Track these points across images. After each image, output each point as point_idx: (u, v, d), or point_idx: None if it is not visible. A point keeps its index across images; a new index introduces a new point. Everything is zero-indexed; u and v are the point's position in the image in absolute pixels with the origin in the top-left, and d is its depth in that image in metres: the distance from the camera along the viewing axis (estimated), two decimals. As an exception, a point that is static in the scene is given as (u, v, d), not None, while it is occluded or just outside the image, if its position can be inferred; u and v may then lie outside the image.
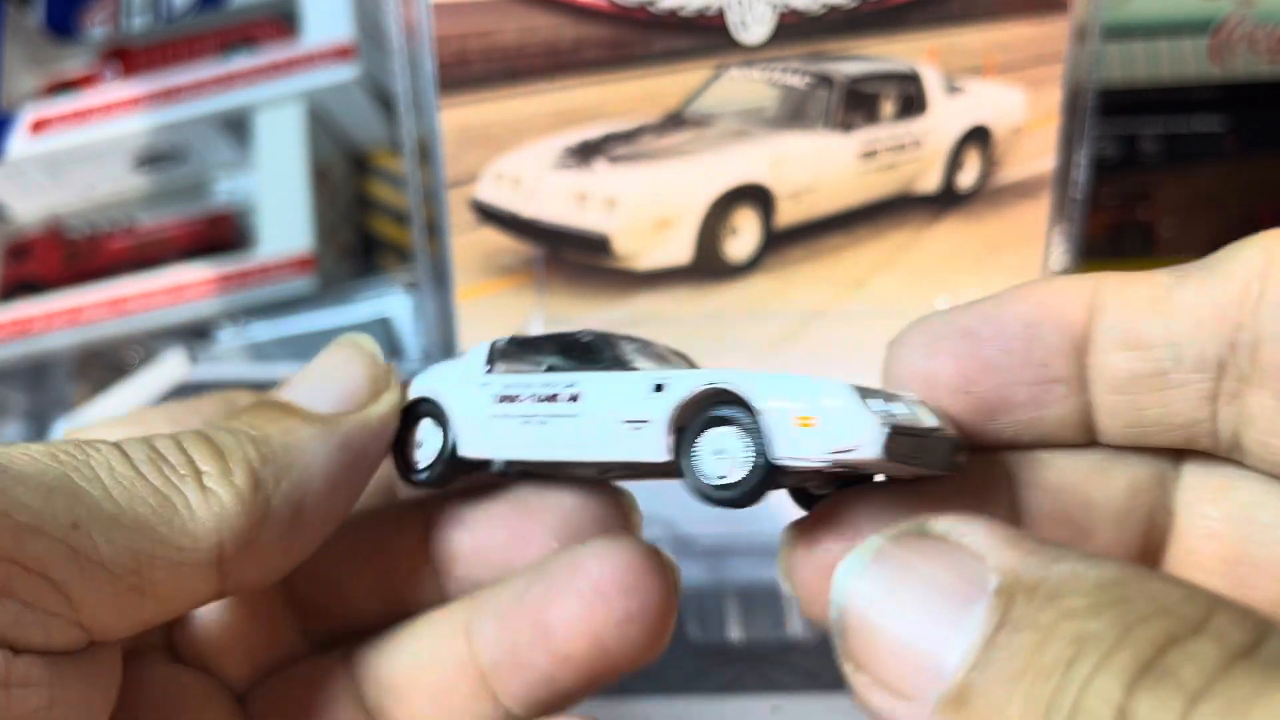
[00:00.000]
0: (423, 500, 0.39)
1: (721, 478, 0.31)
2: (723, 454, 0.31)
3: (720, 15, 0.59)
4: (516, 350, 0.37)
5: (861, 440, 0.29)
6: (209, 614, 0.37)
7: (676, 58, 0.60)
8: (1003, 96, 0.62)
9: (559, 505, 0.37)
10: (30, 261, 0.85)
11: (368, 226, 0.87)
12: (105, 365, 0.80)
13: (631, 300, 0.63)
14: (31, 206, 0.88)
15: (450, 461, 0.36)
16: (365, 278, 0.83)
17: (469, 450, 0.36)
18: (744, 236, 0.63)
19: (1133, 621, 0.22)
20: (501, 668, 0.35)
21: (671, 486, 0.33)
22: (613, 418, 0.33)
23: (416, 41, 0.58)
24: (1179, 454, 0.32)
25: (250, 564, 0.32)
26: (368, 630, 0.38)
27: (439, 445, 0.36)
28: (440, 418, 0.37)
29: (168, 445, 0.32)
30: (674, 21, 0.59)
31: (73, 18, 0.96)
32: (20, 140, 0.85)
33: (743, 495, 0.31)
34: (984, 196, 0.63)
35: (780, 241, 0.63)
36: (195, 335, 0.80)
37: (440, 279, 0.63)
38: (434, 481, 0.37)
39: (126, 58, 0.90)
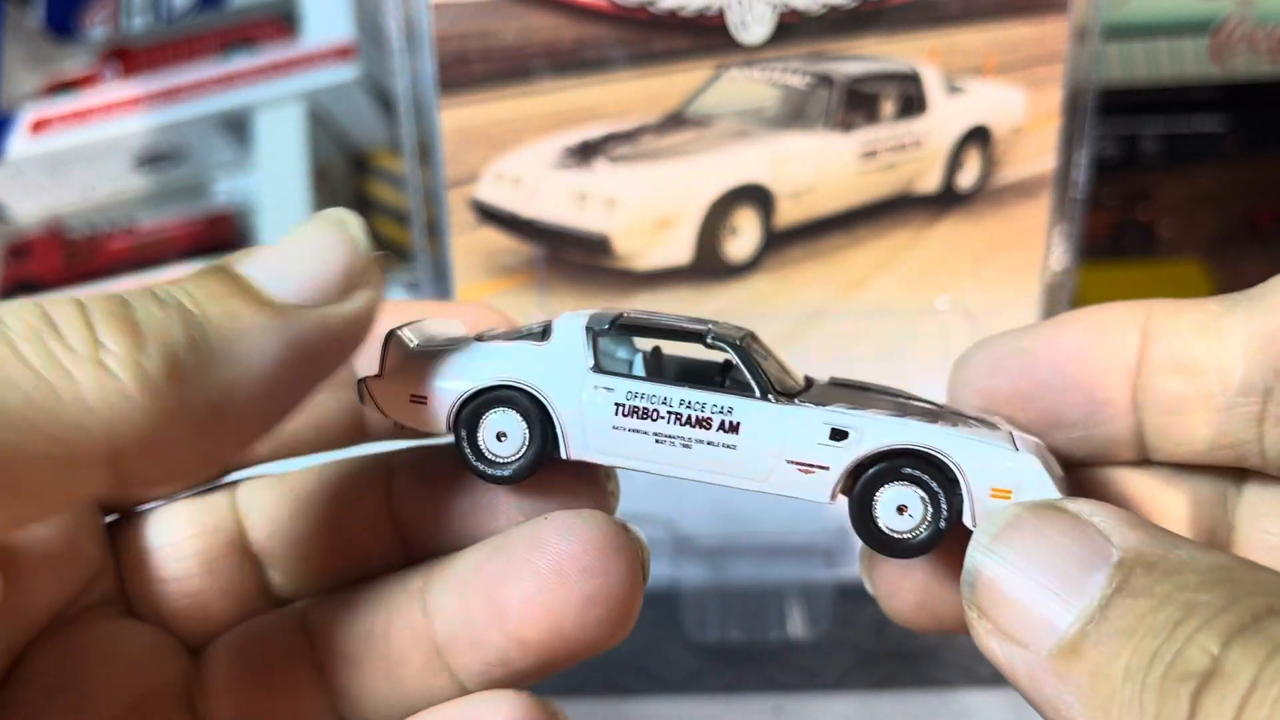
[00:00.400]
0: (387, 456, 0.37)
1: (901, 534, 0.32)
2: (906, 511, 0.32)
3: (720, 15, 0.59)
4: (629, 331, 0.35)
5: None
6: (164, 569, 0.35)
7: (677, 58, 0.60)
8: (1003, 96, 0.62)
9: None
10: (30, 261, 0.85)
11: (368, 227, 0.87)
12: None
13: (631, 300, 0.63)
14: (31, 207, 0.88)
15: (542, 462, 0.34)
16: (365, 278, 0.83)
17: (580, 454, 0.34)
18: (744, 236, 0.63)
19: (1238, 595, 0.25)
20: (456, 643, 0.33)
21: (670, 486, 0.34)
22: (776, 456, 0.32)
23: (416, 41, 0.58)
24: (1242, 473, 0.34)
25: (154, 463, 0.27)
26: (324, 585, 0.36)
27: (529, 442, 0.34)
28: (530, 411, 0.34)
29: (67, 314, 0.27)
30: (674, 22, 0.59)
31: (73, 18, 0.96)
32: (20, 140, 0.85)
33: (923, 550, 0.32)
34: (984, 196, 0.63)
35: (780, 241, 0.63)
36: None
37: (441, 279, 0.63)
38: (515, 480, 0.34)
39: (126, 58, 0.90)
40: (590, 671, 0.61)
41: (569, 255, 0.62)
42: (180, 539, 0.36)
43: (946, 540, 0.32)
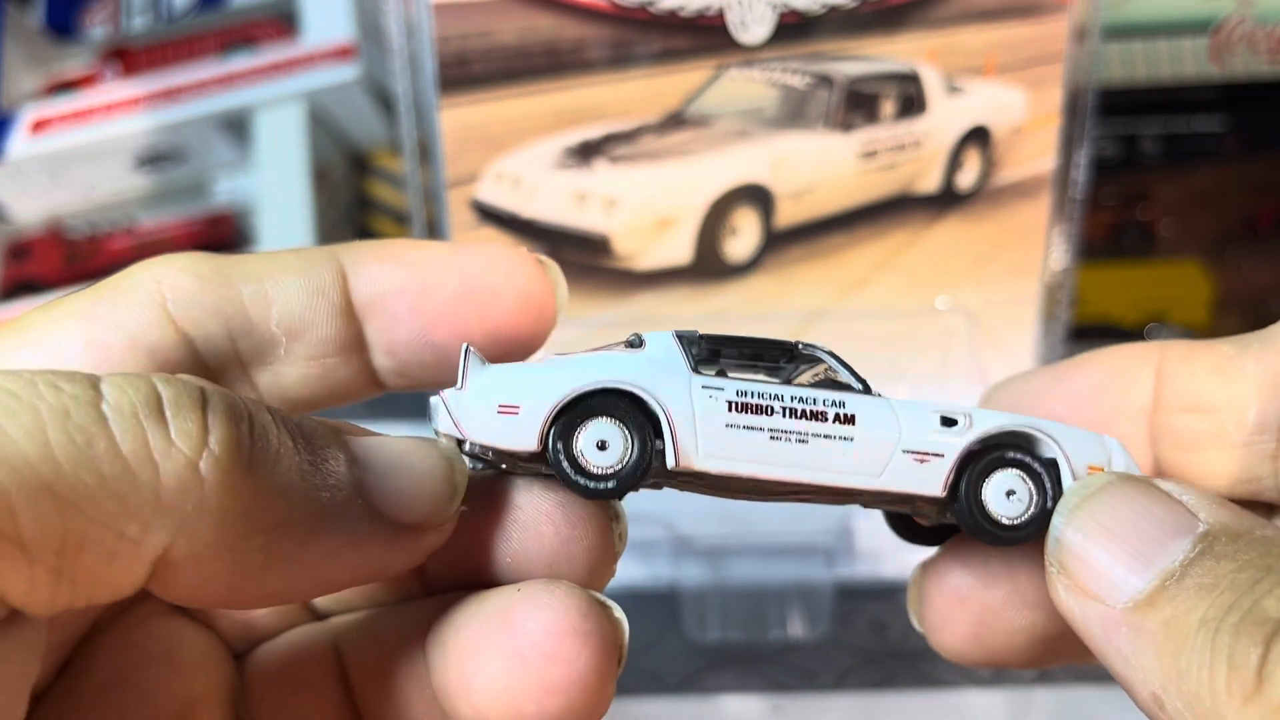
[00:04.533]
0: None
1: (1011, 519, 0.32)
2: (1013, 495, 0.32)
3: (720, 15, 0.59)
4: (713, 348, 0.34)
5: None
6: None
7: (677, 58, 0.60)
8: (1003, 97, 0.62)
9: (539, 507, 0.32)
10: (30, 262, 0.85)
11: (368, 226, 0.87)
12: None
13: (631, 300, 0.63)
14: (32, 207, 0.88)
15: (651, 472, 0.32)
16: (365, 278, 0.83)
17: (689, 459, 0.31)
18: (744, 236, 0.63)
19: None
20: (444, 698, 0.32)
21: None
22: (893, 446, 0.32)
23: (417, 41, 0.58)
24: (1271, 507, 0.35)
25: (195, 582, 0.26)
26: (357, 604, 0.35)
27: (632, 451, 0.32)
28: (634, 417, 0.32)
29: (179, 397, 0.25)
30: (674, 22, 0.59)
31: (73, 18, 0.96)
32: (20, 140, 0.85)
33: (1029, 536, 0.32)
34: (984, 196, 0.63)
35: (780, 241, 0.63)
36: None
37: (440, 279, 0.63)
38: (620, 493, 0.32)
39: (127, 58, 0.90)
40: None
41: (569, 255, 0.62)
42: None
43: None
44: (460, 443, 0.32)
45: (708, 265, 0.63)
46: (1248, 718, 0.24)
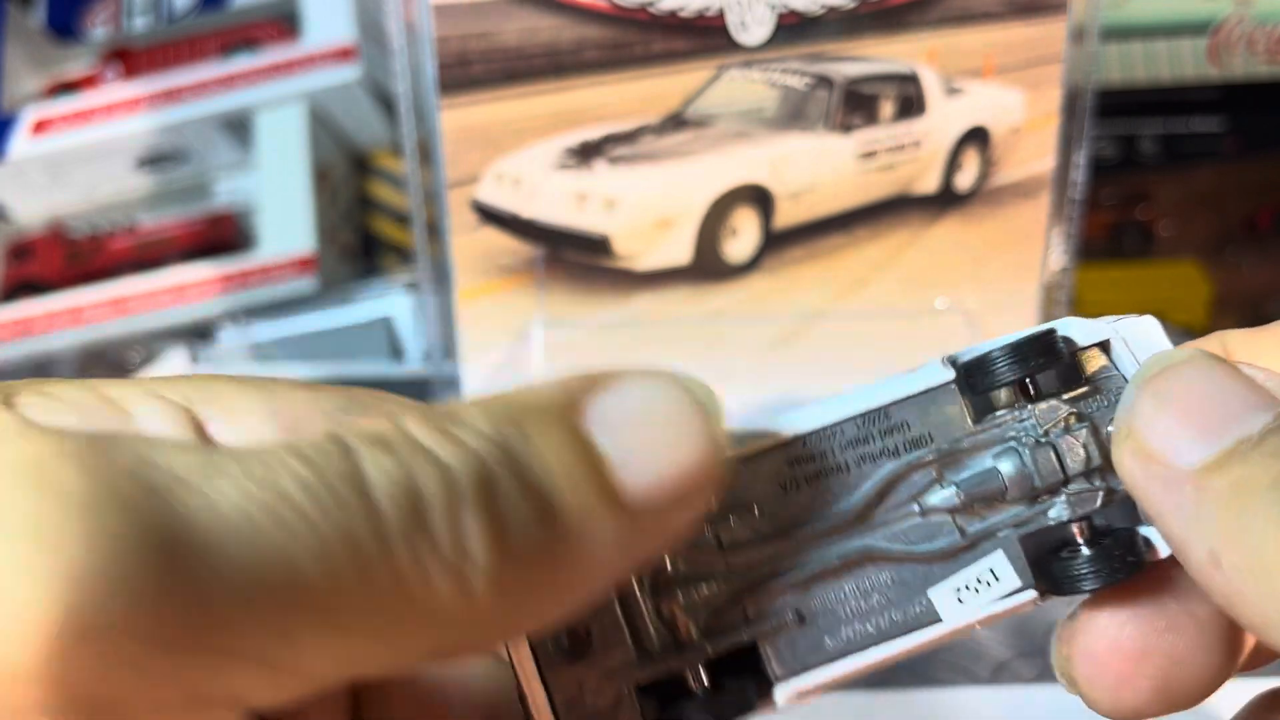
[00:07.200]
0: None
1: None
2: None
3: (720, 16, 0.59)
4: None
5: None
6: None
7: (677, 59, 0.60)
8: (1001, 97, 0.62)
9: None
10: (32, 262, 0.85)
11: (369, 227, 0.87)
12: (107, 365, 0.80)
13: (631, 300, 0.63)
14: (33, 207, 0.88)
15: None
16: (366, 278, 0.83)
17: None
18: (743, 237, 0.63)
19: None
20: None
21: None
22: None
23: (417, 42, 0.58)
24: None
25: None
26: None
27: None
28: None
29: (436, 494, 0.21)
30: (674, 22, 0.59)
31: (74, 19, 0.96)
32: (21, 141, 0.85)
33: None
34: (983, 197, 0.64)
35: (779, 242, 0.63)
36: (197, 335, 0.80)
37: (441, 279, 0.63)
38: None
39: (128, 59, 0.91)
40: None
41: (569, 255, 0.62)
42: None
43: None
44: None
45: (707, 265, 0.63)
46: None
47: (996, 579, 0.27)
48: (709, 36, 0.59)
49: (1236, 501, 0.25)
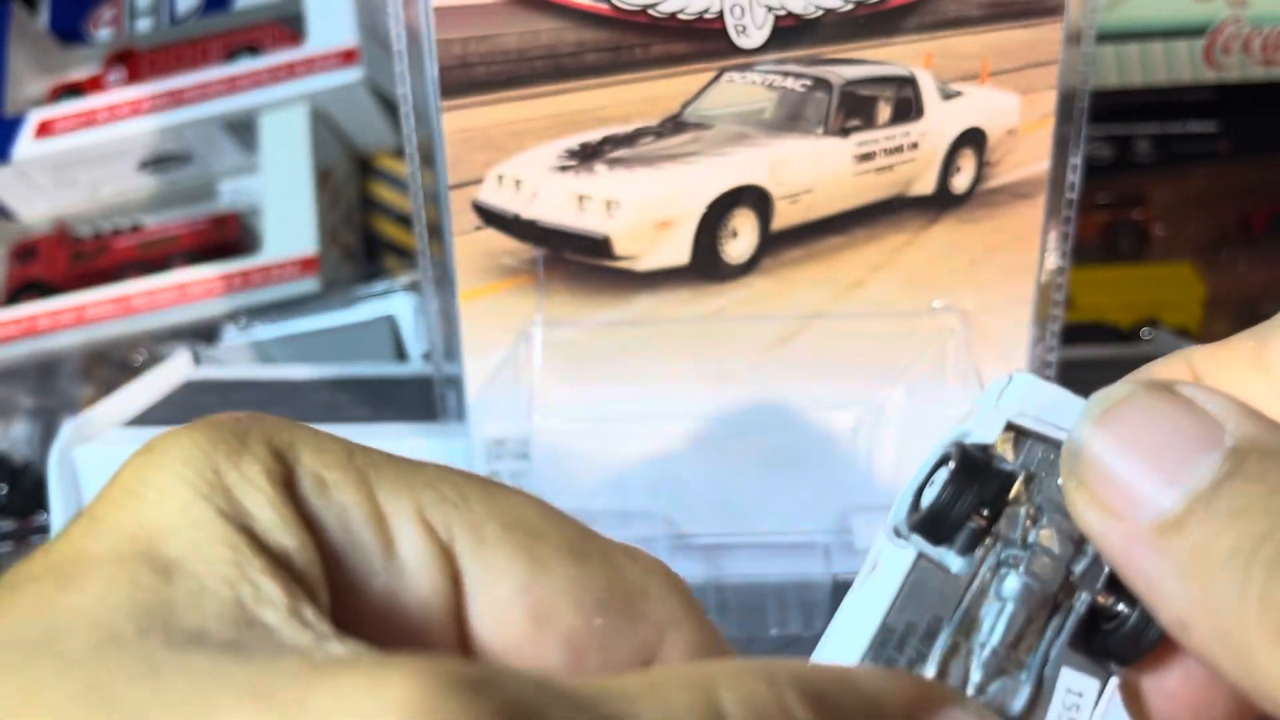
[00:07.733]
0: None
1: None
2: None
3: (720, 19, 0.60)
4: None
5: None
6: None
7: (676, 62, 0.61)
8: (997, 100, 0.63)
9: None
10: (36, 262, 0.86)
11: (371, 228, 0.88)
12: (111, 365, 0.81)
13: (631, 301, 0.64)
14: (38, 208, 0.89)
15: None
16: (368, 278, 0.84)
17: None
18: (742, 238, 0.64)
19: None
20: None
21: (667, 481, 0.34)
22: None
23: (419, 45, 0.59)
24: None
25: None
26: None
27: None
28: None
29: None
30: (674, 25, 0.60)
31: (78, 22, 0.96)
32: (26, 143, 0.86)
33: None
34: (979, 199, 0.64)
35: (778, 243, 0.64)
36: (200, 335, 0.80)
37: (442, 280, 0.63)
38: None
39: (132, 61, 0.91)
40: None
41: (570, 256, 0.63)
42: None
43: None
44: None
45: (707, 266, 0.63)
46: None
47: (1080, 695, 0.27)
48: (708, 40, 0.60)
49: (1199, 573, 0.24)
